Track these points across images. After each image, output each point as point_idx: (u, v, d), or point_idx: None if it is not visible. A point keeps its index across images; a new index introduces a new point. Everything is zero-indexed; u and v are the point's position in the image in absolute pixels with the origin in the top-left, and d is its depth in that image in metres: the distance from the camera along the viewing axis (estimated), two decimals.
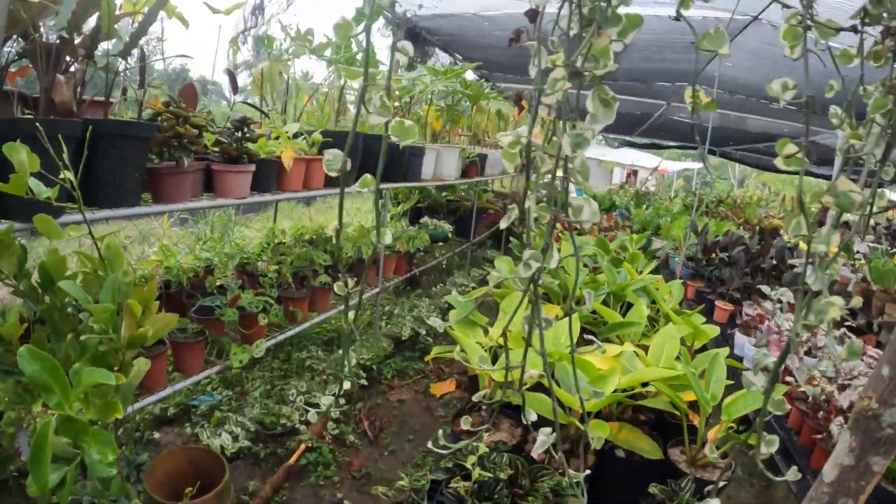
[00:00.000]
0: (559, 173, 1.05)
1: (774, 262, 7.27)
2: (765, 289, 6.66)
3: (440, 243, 6.37)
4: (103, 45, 2.14)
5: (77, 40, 2.06)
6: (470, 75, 6.94)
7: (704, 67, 7.30)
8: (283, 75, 3.65)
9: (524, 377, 1.25)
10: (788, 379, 4.84)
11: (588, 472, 1.51)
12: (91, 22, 2.06)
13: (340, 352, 4.58)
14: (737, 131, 12.20)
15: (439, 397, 4.55)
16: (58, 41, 1.99)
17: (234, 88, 3.10)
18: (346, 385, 1.38)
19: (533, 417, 1.31)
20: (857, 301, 1.50)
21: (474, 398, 1.45)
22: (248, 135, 2.68)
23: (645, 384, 3.24)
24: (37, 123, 1.60)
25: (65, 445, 1.34)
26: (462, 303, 3.70)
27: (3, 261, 1.58)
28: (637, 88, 9.18)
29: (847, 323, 6.02)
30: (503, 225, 1.13)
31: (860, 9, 1.10)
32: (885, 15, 1.06)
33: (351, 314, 1.22)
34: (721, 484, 3.06)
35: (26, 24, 1.86)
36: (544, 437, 1.23)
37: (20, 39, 1.96)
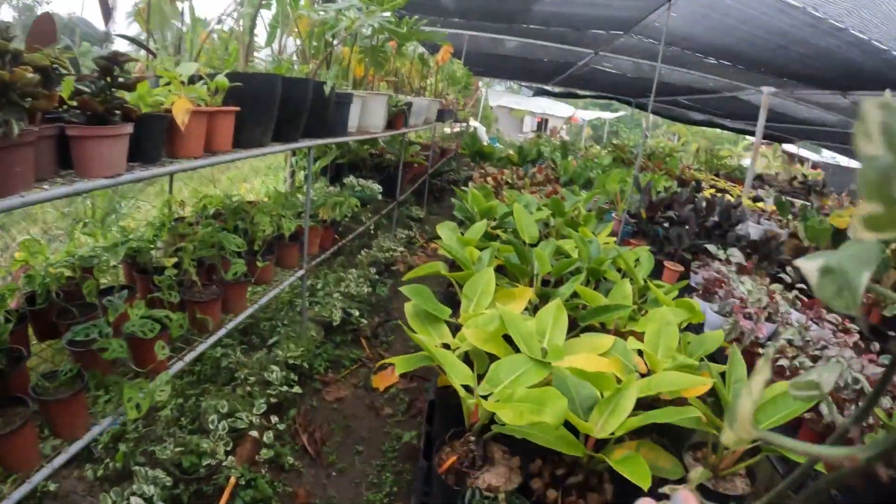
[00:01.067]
0: None
1: (717, 220, 6.90)
2: (711, 248, 6.28)
3: (366, 206, 5.57)
4: None
5: None
6: None
7: (646, 17, 6.75)
8: (175, 5, 2.75)
9: None
10: (761, 351, 4.43)
11: None
12: None
13: (262, 350, 3.79)
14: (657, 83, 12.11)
15: (383, 391, 3.89)
16: None
17: (107, 14, 2.18)
18: None
19: None
20: None
21: None
22: (121, 79, 1.80)
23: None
24: None
25: None
26: (419, 291, 2.96)
27: None
28: (569, 36, 8.57)
29: (798, 285, 5.71)
30: None
31: None
32: None
33: None
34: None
35: None
36: None
37: None
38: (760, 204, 9.88)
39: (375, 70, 4.98)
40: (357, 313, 4.48)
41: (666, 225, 6.65)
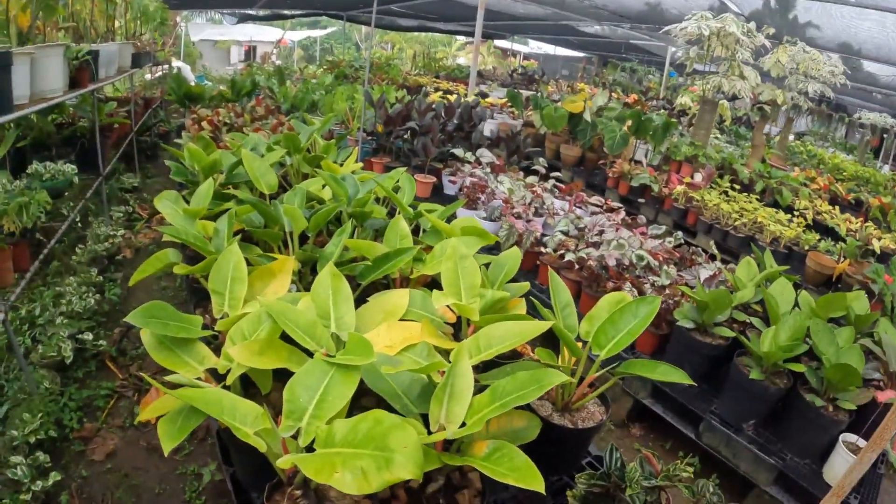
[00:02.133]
0: None
1: (458, 122, 6.68)
2: (459, 152, 6.06)
3: (65, 194, 4.41)
4: None
5: None
6: None
7: None
8: None
9: None
10: (545, 250, 4.29)
11: None
12: None
13: None
14: None
15: (156, 421, 3.07)
16: None
17: None
18: None
19: None
20: None
21: None
22: None
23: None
24: None
25: None
26: (152, 310, 2.17)
27: None
28: None
29: (553, 174, 5.69)
30: None
31: None
32: None
33: None
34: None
35: None
36: None
37: None
38: (490, 99, 9.95)
39: (46, 17, 3.88)
40: (91, 336, 3.51)
41: (407, 137, 6.31)
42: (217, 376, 2.07)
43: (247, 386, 2.16)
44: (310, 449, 1.54)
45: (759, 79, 7.48)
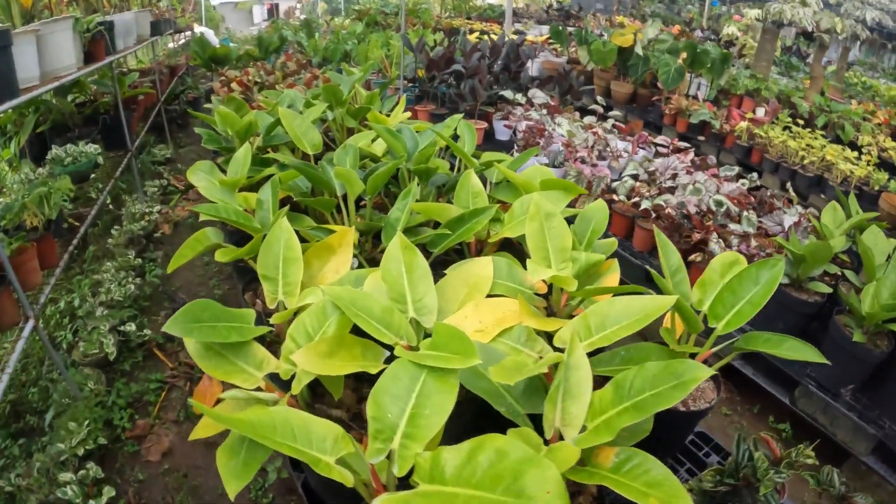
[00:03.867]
0: None
1: (504, 63, 6.24)
2: (508, 94, 5.65)
3: (91, 176, 4.12)
4: None
5: None
6: None
7: None
8: None
9: None
10: (616, 198, 3.97)
11: None
12: None
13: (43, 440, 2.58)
14: None
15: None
16: None
17: None
18: None
19: None
20: None
21: None
22: None
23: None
24: None
25: None
26: (193, 313, 1.81)
27: None
28: None
29: (612, 113, 5.28)
30: None
31: None
32: None
33: None
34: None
35: None
36: None
37: None
38: (529, 37, 9.43)
39: None
40: (133, 327, 3.29)
41: (451, 81, 5.90)
42: (279, 379, 1.75)
43: (313, 386, 1.86)
44: (405, 479, 1.23)
45: (820, 5, 6.89)
